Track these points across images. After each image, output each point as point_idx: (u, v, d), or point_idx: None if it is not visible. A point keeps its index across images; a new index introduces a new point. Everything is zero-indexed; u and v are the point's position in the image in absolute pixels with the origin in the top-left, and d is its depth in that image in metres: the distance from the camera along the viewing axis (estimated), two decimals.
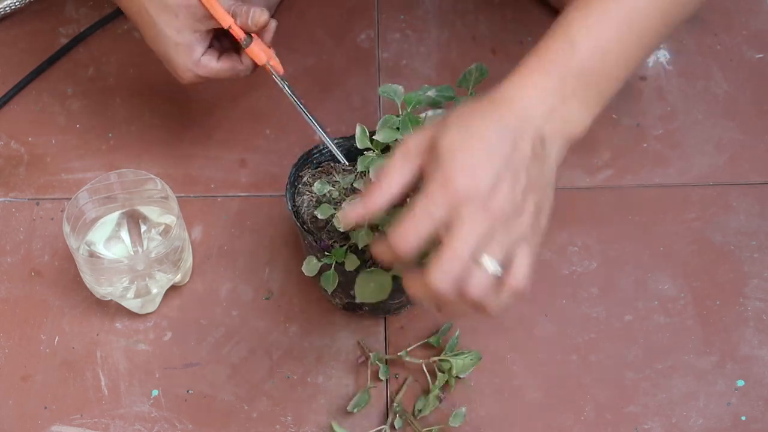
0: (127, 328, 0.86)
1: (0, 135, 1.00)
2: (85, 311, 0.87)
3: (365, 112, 1.02)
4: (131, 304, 0.84)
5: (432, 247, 0.56)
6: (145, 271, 0.82)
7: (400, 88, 0.73)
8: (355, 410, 0.80)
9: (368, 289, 0.69)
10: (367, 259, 0.73)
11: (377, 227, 0.70)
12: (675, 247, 0.92)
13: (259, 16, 0.79)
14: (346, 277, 0.74)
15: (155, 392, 0.83)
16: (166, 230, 0.86)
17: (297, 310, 0.88)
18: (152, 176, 0.84)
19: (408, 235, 0.56)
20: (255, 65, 0.82)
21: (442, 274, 0.55)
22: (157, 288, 0.84)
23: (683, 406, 0.82)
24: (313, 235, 0.77)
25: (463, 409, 0.78)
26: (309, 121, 0.82)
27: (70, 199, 0.83)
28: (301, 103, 0.82)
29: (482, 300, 0.56)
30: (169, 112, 1.02)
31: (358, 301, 0.70)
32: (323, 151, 0.82)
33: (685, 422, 0.81)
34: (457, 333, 0.84)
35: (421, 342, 0.85)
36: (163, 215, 0.87)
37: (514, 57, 0.65)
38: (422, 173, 0.59)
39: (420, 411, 0.79)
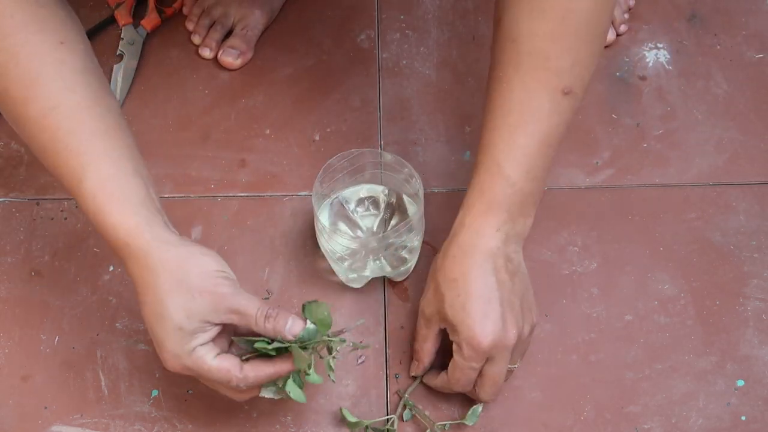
0: (127, 328, 0.86)
1: (0, 135, 1.00)
2: (85, 311, 0.87)
3: (365, 111, 1.02)
4: (341, 270, 0.86)
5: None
6: (370, 252, 0.83)
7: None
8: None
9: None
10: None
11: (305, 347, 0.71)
12: (675, 247, 0.92)
13: (296, 326, 0.70)
14: None
15: (155, 392, 0.83)
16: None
17: (297, 310, 0.87)
18: (415, 173, 0.83)
19: (462, 383, 0.76)
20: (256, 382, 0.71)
21: (489, 395, 0.77)
22: (370, 272, 0.86)
23: (683, 406, 0.82)
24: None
25: (479, 408, 0.78)
26: None
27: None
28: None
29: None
30: (168, 112, 1.02)
31: None
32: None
33: (685, 422, 0.81)
34: None
35: None
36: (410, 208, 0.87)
37: None
38: (447, 330, 0.76)
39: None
